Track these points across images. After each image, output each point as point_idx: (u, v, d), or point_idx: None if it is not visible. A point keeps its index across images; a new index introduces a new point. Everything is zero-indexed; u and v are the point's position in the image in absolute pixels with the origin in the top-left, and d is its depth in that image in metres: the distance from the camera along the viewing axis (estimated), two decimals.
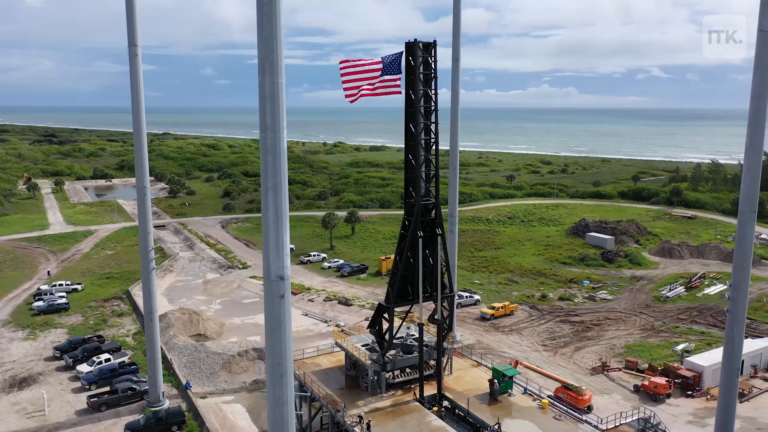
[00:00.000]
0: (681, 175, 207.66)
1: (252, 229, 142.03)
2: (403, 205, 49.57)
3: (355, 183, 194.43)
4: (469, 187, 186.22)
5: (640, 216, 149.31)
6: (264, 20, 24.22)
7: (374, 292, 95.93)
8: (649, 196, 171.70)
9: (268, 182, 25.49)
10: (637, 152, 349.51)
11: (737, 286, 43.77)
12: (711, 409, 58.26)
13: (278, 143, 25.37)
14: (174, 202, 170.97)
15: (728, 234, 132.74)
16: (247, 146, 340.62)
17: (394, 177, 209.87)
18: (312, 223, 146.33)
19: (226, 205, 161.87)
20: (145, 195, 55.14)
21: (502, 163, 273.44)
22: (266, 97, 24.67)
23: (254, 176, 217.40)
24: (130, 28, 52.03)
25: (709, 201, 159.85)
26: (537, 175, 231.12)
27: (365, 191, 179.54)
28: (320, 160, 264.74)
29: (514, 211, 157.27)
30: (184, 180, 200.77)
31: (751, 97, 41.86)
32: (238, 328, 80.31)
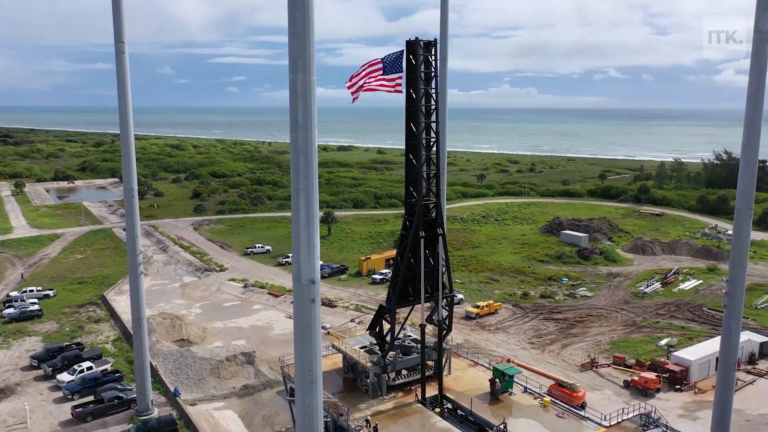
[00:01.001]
0: (645, 173, 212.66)
1: (225, 230, 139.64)
2: (404, 205, 49.01)
3: (326, 183, 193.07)
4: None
5: (610, 214, 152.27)
6: (296, 15, 23.42)
7: (356, 293, 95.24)
8: (617, 194, 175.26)
9: (299, 183, 24.72)
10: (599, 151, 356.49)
11: (734, 282, 44.44)
12: (700, 402, 59.65)
13: (310, 143, 24.68)
14: (142, 204, 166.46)
15: (696, 230, 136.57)
16: (212, 146, 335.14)
17: (365, 177, 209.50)
18: (286, 224, 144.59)
19: (197, 207, 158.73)
20: (133, 197, 53.37)
21: (470, 163, 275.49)
22: (298, 95, 23.89)
23: (222, 177, 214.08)
24: (116, 25, 50.23)
25: (676, 198, 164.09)
26: (506, 174, 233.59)
27: (337, 191, 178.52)
28: (287, 160, 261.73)
29: (488, 210, 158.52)
30: (151, 181, 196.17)
31: (748, 96, 42.68)
32: (221, 332, 78.65)
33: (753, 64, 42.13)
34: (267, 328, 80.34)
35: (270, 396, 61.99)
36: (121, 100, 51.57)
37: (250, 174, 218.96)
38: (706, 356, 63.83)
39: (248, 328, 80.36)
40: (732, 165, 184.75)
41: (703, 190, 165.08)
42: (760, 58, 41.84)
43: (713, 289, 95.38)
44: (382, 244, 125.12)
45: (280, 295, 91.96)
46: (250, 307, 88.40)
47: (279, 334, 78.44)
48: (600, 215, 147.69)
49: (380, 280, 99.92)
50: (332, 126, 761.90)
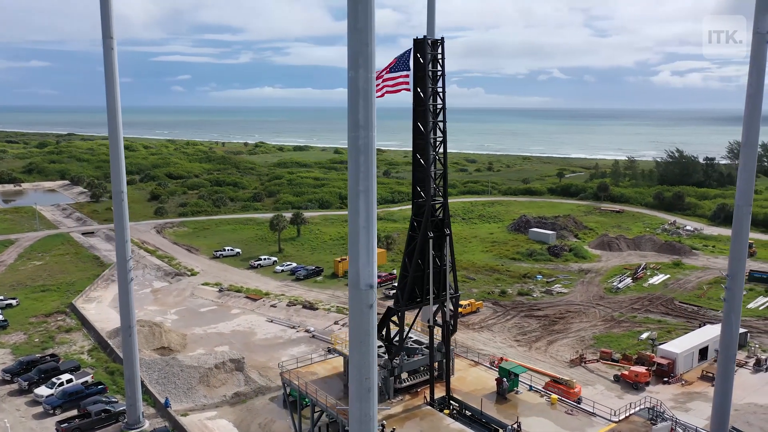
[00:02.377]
0: (600, 171, 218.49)
1: (190, 233, 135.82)
2: (412, 205, 48.45)
3: (288, 184, 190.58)
4: (405, 186, 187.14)
5: (573, 211, 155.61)
6: (359, 10, 22.53)
7: (335, 295, 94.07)
8: (576, 192, 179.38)
9: (359, 185, 23.93)
10: (549, 150, 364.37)
11: (734, 276, 45.79)
12: (688, 394, 61.35)
13: (371, 143, 23.82)
14: (98, 207, 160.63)
15: (656, 226, 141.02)
16: (164, 147, 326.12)
17: (327, 177, 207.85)
18: (252, 226, 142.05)
19: (158, 209, 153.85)
20: (122, 200, 50.95)
21: None
22: (359, 92, 22.99)
23: (179, 178, 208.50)
24: (104, 20, 47.86)
25: (633, 195, 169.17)
26: (465, 173, 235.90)
27: (301, 192, 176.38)
28: (246, 161, 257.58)
29: (453, 209, 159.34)
30: (105, 183, 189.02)
31: (747, 96, 43.93)
32: (201, 338, 76.29)
33: (752, 65, 43.34)
34: (249, 333, 78.37)
35: (263, 403, 60.40)
36: (110, 98, 49.16)
37: (207, 175, 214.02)
38: (690, 349, 65.76)
39: (229, 333, 78.21)
40: (683, 163, 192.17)
41: (659, 188, 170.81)
42: (758, 59, 43.09)
43: (681, 282, 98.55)
44: None
45: (258, 298, 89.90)
46: (229, 311, 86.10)
47: (262, 338, 76.68)
48: (563, 213, 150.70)
49: None
50: (283, 126, 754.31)
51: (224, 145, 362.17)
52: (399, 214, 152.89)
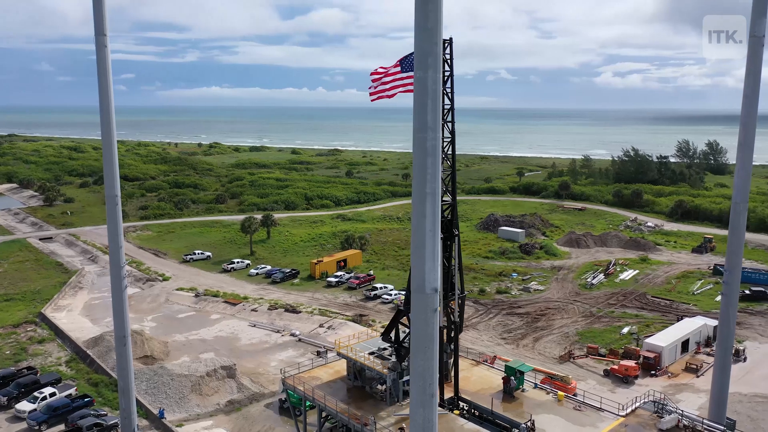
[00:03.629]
0: (558, 170, 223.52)
1: (155, 237, 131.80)
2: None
3: (251, 185, 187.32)
4: (370, 186, 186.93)
5: (536, 209, 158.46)
6: (428, 8, 22.13)
7: (314, 297, 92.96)
8: (538, 190, 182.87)
9: (426, 187, 23.38)
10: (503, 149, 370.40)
11: (732, 271, 47.28)
12: (676, 386, 63.20)
13: (438, 145, 23.39)
14: (53, 211, 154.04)
15: (618, 223, 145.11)
16: None
17: (289, 178, 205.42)
18: (219, 228, 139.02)
19: None
20: (116, 204, 48.71)
21: (388, 162, 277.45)
22: (428, 93, 22.60)
23: (135, 180, 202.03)
24: (97, 17, 45.59)
25: (593, 193, 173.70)
26: None
27: (265, 193, 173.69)
28: (202, 162, 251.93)
29: None
30: (57, 186, 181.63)
31: (744, 97, 45.50)
32: (184, 345, 74.06)
33: (748, 67, 44.94)
34: (233, 338, 76.56)
35: (259, 410, 59.08)
36: (103, 97, 46.82)
37: (164, 177, 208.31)
38: (674, 342, 67.83)
39: (212, 339, 76.20)
40: (638, 161, 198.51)
41: (617, 185, 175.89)
42: (755, 61, 44.73)
43: (650, 277, 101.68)
44: (326, 246, 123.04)
45: (237, 303, 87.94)
46: (208, 317, 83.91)
47: (247, 344, 75.02)
48: (527, 211, 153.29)
49: (336, 282, 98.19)
50: (233, 126, 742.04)
51: (177, 145, 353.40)
52: (367, 215, 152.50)
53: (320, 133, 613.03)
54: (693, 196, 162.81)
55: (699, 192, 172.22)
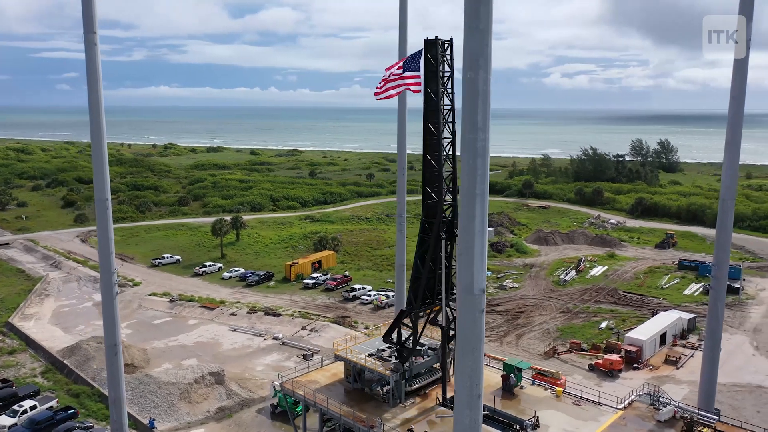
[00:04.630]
0: (518, 169, 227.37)
1: (119, 241, 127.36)
2: (422, 206, 48.20)
3: (213, 187, 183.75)
4: (335, 187, 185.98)
5: (502, 208, 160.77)
6: (480, 10, 22.16)
7: (292, 299, 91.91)
8: (502, 189, 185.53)
9: (476, 188, 23.49)
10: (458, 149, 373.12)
11: (720, 266, 49.06)
12: (658, 378, 65.02)
13: (487, 145, 23.46)
14: (7, 216, 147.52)
15: (582, 220, 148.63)
16: (65, 149, 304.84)
17: (251, 179, 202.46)
18: (185, 231, 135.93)
19: (78, 217, 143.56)
20: (106, 208, 47.03)
21: (349, 162, 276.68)
22: (478, 94, 22.64)
23: (90, 183, 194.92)
24: (86, 13, 43.97)
25: (555, 192, 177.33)
26: (389, 173, 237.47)
27: (230, 195, 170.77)
28: (159, 163, 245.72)
29: (388, 209, 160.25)
30: (8, 190, 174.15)
31: (731, 98, 47.28)
32: (164, 352, 72.05)
33: (735, 70, 46.75)
34: (214, 343, 74.95)
35: (251, 416, 58.01)
36: (92, 98, 45.20)
37: (122, 179, 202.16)
38: (653, 335, 69.86)
39: (193, 345, 74.42)
40: (596, 160, 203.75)
41: (578, 184, 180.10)
42: (741, 63, 46.57)
43: (619, 273, 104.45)
44: (298, 248, 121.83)
45: (214, 307, 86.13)
46: (185, 322, 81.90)
47: (230, 348, 73.58)
48: (493, 210, 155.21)
49: (312, 284, 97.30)
50: (185, 126, 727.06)
51: (130, 146, 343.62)
52: (335, 216, 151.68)
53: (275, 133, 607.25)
54: (651, 193, 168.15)
55: (656, 189, 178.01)
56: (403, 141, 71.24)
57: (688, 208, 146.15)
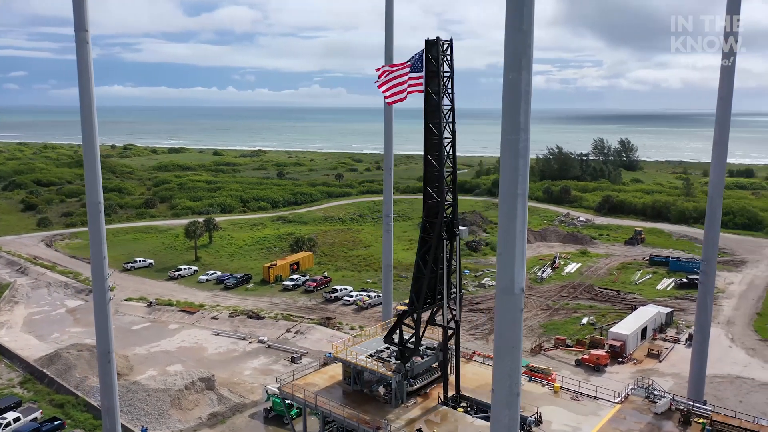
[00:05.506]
0: (485, 168, 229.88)
1: (86, 245, 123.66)
2: (423, 206, 48.19)
3: (180, 188, 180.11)
4: (304, 187, 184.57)
5: (473, 207, 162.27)
6: (524, 11, 22.26)
7: (273, 302, 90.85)
8: (471, 188, 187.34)
9: (517, 188, 23.58)
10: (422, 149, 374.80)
11: (708, 261, 50.57)
12: (643, 371, 66.50)
13: (528, 146, 23.58)
14: None
15: (552, 218, 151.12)
16: (18, 151, 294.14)
17: (219, 180, 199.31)
18: (155, 234, 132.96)
19: (41, 221, 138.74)
20: (99, 212, 45.71)
21: (315, 162, 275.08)
22: (521, 95, 22.76)
23: (51, 185, 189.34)
24: (77, 11, 42.60)
25: None
26: (357, 173, 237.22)
27: (197, 196, 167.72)
28: (121, 165, 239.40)
29: (359, 209, 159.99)
30: None
31: (718, 98, 48.72)
32: (147, 359, 70.25)
33: (723, 69, 48.19)
34: (198, 348, 73.48)
35: (244, 421, 57.09)
36: (84, 98, 43.80)
37: (82, 181, 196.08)
38: (635, 330, 71.57)
39: (176, 350, 72.79)
40: (561, 159, 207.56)
41: (546, 182, 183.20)
42: (729, 63, 48.03)
43: (593, 270, 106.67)
44: (273, 250, 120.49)
45: (194, 311, 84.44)
46: (166, 327, 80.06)
47: (215, 353, 72.25)
48: (464, 209, 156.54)
49: (292, 286, 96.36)
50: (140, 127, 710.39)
51: None
52: (308, 216, 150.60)
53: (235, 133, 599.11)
54: (616, 191, 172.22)
55: (620, 187, 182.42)
56: (390, 141, 71.33)
57: (653, 205, 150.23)
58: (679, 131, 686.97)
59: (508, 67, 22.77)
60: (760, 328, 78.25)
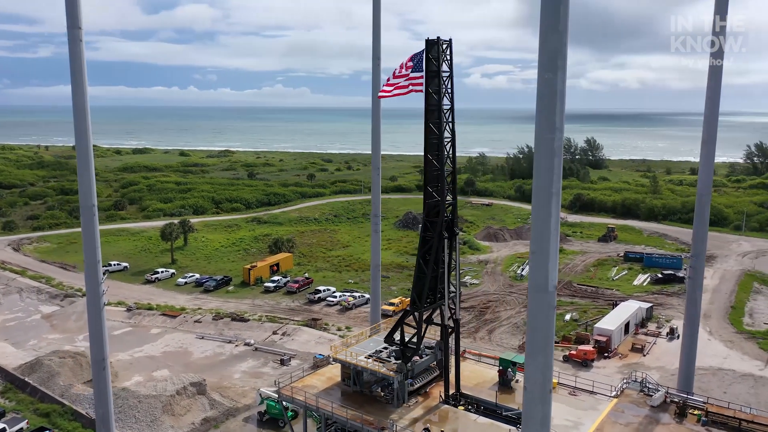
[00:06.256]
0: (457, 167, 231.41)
1: (56, 249, 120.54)
2: (423, 206, 48.22)
3: (149, 190, 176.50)
4: (276, 188, 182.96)
5: None
6: (560, 11, 22.51)
7: (255, 304, 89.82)
8: None
9: (552, 187, 23.78)
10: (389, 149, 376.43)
11: (697, 256, 51.91)
12: (629, 365, 67.98)
13: (562, 145, 23.84)
14: None
15: (526, 216, 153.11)
16: None
17: (188, 181, 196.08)
18: (127, 237, 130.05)
19: (7, 224, 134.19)
20: (93, 215, 44.45)
21: (285, 162, 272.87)
22: (556, 94, 23.07)
23: (12, 188, 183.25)
24: (70, 7, 41.38)
25: (496, 189, 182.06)
26: (328, 173, 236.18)
27: (168, 198, 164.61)
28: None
29: (334, 209, 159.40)
30: None
31: (706, 98, 50.06)
32: (131, 364, 68.68)
33: (711, 70, 49.55)
34: (184, 353, 72.14)
35: (238, 425, 56.29)
36: (77, 98, 42.53)
37: (45, 183, 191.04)
38: (619, 325, 73.07)
39: (161, 355, 71.34)
40: (530, 157, 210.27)
41: (518, 181, 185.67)
42: (717, 63, 49.40)
43: (570, 266, 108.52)
44: (251, 251, 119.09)
45: (176, 315, 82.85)
46: (148, 332, 78.36)
47: (201, 357, 71.06)
48: None
49: (274, 288, 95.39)
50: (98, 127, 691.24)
51: (48, 149, 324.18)
52: (283, 217, 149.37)
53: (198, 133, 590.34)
54: (585, 189, 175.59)
55: (589, 185, 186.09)
56: (378, 140, 71.13)
57: (622, 203, 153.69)
58: (639, 130, 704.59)
59: (543, 68, 22.96)
60: (735, 320, 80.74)
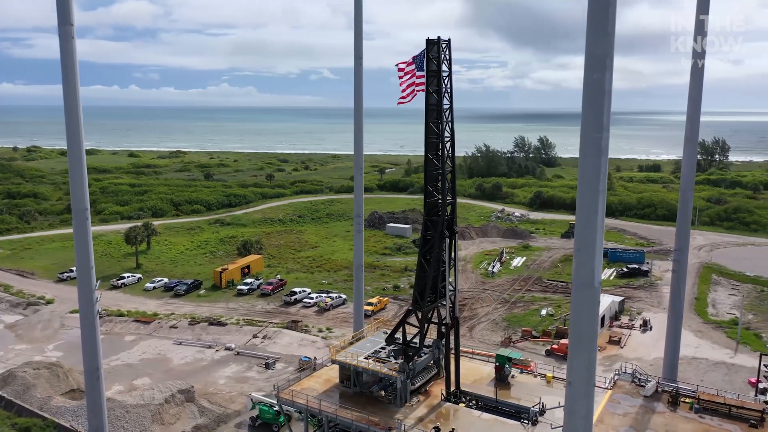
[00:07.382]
0: (413, 166, 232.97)
1: (11, 255, 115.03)
2: (424, 205, 48.38)
3: (103, 192, 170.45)
4: (236, 189, 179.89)
5: (409, 205, 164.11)
6: (609, 12, 23.00)
7: (230, 307, 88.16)
8: (405, 186, 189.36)
9: (599, 185, 24.29)
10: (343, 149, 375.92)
11: (681, 250, 53.95)
12: (610, 357, 70.10)
13: (608, 144, 24.37)
14: None
15: (488, 214, 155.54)
16: None
17: (143, 182, 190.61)
18: None
19: None
20: (86, 219, 42.72)
21: (240, 163, 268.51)
22: (604, 94, 23.63)
23: None
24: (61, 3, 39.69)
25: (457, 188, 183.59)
26: (285, 173, 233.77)
27: (125, 200, 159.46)
28: (29, 168, 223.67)
29: (297, 209, 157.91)
30: None
31: (689, 99, 52.04)
32: (109, 374, 65.73)
33: (693, 70, 51.51)
34: (163, 359, 70.13)
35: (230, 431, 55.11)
36: (69, 98, 40.85)
37: None
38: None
39: (139, 363, 69.15)
40: (488, 156, 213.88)
41: (478, 179, 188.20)
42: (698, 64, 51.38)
43: (538, 263, 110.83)
44: (218, 254, 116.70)
45: (150, 321, 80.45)
46: (122, 339, 75.83)
47: (182, 363, 69.25)
48: (400, 207, 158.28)
49: (247, 290, 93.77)
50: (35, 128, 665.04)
51: None
52: (246, 218, 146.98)
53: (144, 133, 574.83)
54: (543, 187, 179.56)
55: (546, 183, 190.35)
56: (360, 141, 70.85)
57: None
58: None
59: (591, 69, 23.42)
60: (701, 311, 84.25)
